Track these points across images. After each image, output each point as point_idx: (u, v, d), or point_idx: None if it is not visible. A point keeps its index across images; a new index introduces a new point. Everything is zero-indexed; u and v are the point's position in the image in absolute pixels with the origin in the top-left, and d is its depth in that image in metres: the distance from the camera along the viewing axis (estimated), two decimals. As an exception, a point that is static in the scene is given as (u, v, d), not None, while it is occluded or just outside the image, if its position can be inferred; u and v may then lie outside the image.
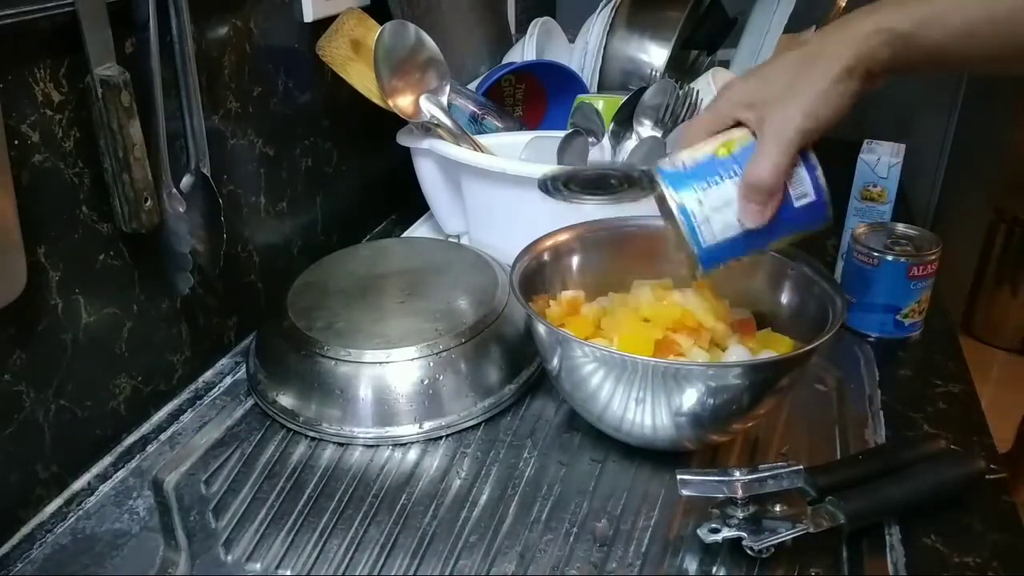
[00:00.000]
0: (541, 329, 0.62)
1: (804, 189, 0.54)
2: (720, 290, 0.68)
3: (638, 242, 0.74)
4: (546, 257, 0.71)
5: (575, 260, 0.73)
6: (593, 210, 0.75)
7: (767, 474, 0.52)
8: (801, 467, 0.53)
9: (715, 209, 0.54)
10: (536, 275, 0.69)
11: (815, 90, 0.51)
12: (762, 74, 0.56)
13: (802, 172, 0.54)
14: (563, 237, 0.73)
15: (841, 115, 0.52)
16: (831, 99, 0.51)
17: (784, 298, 0.69)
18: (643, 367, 0.56)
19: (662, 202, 0.56)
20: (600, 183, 0.61)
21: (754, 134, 0.54)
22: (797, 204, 0.55)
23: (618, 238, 0.74)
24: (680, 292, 0.67)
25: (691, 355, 0.62)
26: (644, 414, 0.58)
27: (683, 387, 0.56)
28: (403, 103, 0.87)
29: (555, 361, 0.63)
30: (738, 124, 0.56)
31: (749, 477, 0.52)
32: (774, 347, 0.64)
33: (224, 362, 0.77)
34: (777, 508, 0.53)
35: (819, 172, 0.55)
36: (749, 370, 0.57)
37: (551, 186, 0.61)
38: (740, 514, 0.53)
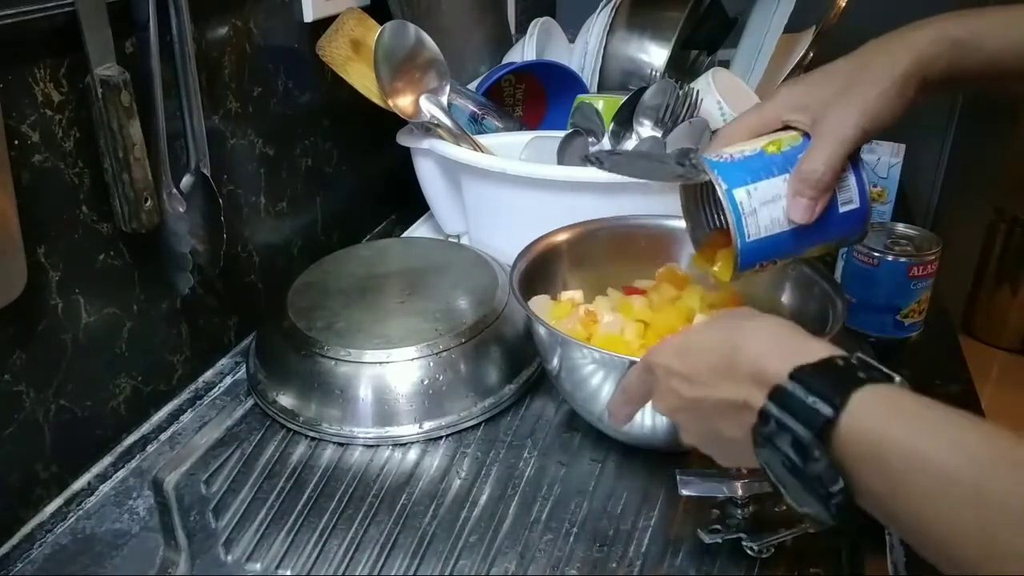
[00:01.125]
0: (541, 331, 0.62)
1: (850, 195, 0.54)
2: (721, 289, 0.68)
3: (637, 241, 0.74)
4: (545, 257, 0.71)
5: (574, 259, 0.73)
6: (591, 207, 0.76)
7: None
8: None
9: (763, 203, 0.53)
10: (536, 275, 0.69)
11: (874, 91, 0.51)
12: (812, 80, 0.55)
13: (850, 178, 0.54)
14: (562, 237, 0.73)
15: (894, 120, 0.52)
16: (889, 101, 0.51)
17: (785, 298, 0.69)
18: None
19: (695, 198, 0.56)
20: (647, 172, 0.62)
21: (805, 135, 0.54)
22: (842, 209, 0.54)
23: (617, 237, 0.74)
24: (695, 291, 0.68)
25: None
26: (643, 413, 0.58)
27: None
28: (403, 103, 0.87)
29: (555, 362, 0.63)
30: (785, 128, 0.55)
31: (749, 477, 0.52)
32: None
33: (224, 362, 0.77)
34: (777, 508, 0.53)
35: (866, 181, 0.54)
36: None
37: (597, 157, 0.62)
38: (740, 514, 0.53)
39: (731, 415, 0.42)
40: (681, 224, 0.64)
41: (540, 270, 0.70)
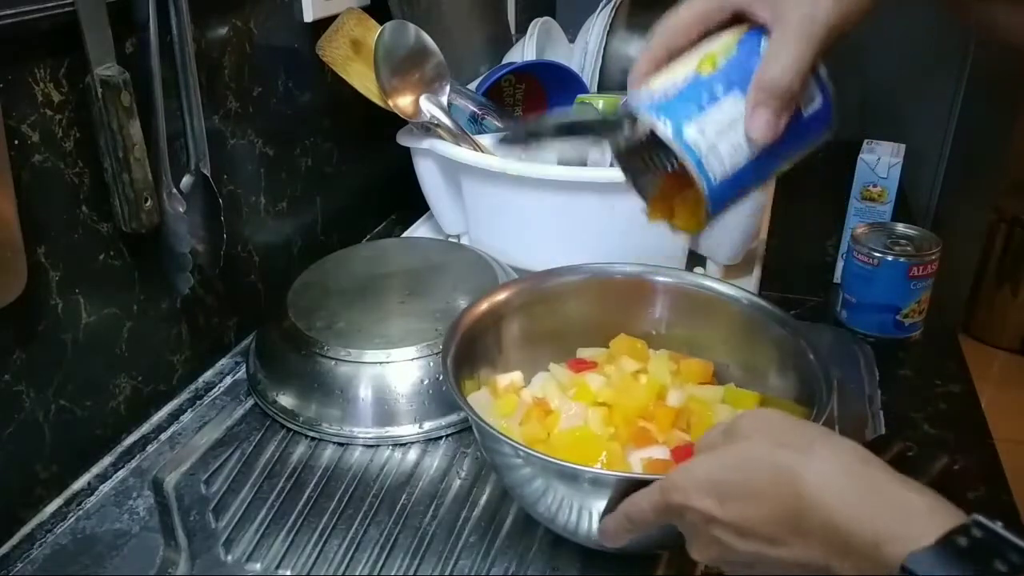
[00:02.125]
0: (505, 450, 0.51)
1: (811, 92, 0.46)
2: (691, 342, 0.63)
3: (569, 301, 0.66)
4: (471, 335, 0.61)
5: (505, 333, 0.64)
6: (591, 207, 0.74)
7: None
8: None
9: (719, 133, 0.45)
10: (465, 358, 0.59)
11: None
12: None
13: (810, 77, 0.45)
14: (484, 307, 0.63)
15: (864, 15, 0.44)
16: None
17: (772, 378, 0.61)
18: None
19: (638, 149, 0.48)
20: (572, 130, 0.52)
21: (751, 30, 0.46)
22: (806, 113, 0.46)
23: (547, 299, 0.66)
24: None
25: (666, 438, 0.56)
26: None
27: None
28: (403, 103, 0.87)
29: (514, 477, 0.53)
30: (731, 22, 0.46)
31: None
32: (740, 404, 0.59)
33: (224, 362, 0.77)
34: None
35: (822, 70, 0.46)
36: None
37: (512, 138, 0.53)
38: None
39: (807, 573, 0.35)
40: (622, 272, 0.59)
41: (469, 352, 0.60)
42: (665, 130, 0.44)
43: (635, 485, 0.45)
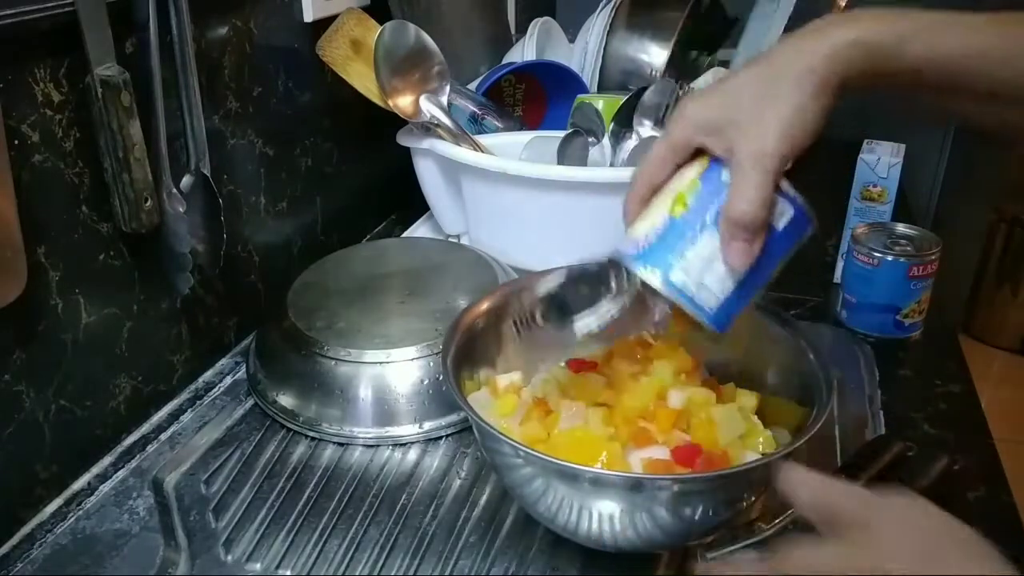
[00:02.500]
0: (505, 449, 0.51)
1: (781, 208, 0.48)
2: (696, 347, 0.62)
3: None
4: (479, 326, 0.61)
5: (504, 332, 0.63)
6: (591, 207, 0.75)
7: (786, 521, 0.52)
8: None
9: (703, 270, 0.48)
10: (465, 358, 0.59)
11: (790, 107, 0.45)
12: (723, 90, 0.49)
13: (777, 198, 0.48)
14: (485, 306, 0.63)
15: (815, 137, 0.46)
16: (808, 116, 0.46)
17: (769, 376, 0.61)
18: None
19: (644, 284, 0.50)
20: (580, 298, 0.53)
21: (714, 160, 0.49)
22: (780, 227, 0.49)
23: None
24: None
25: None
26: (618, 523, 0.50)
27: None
28: (403, 103, 0.87)
29: (516, 476, 0.53)
30: (696, 154, 0.50)
31: (771, 531, 0.51)
32: (740, 404, 0.59)
33: (224, 362, 0.77)
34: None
35: (785, 184, 0.48)
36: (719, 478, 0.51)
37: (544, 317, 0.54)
38: None
39: None
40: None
41: (469, 352, 0.60)
42: (654, 279, 0.48)
43: None
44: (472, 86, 1.05)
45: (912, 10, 0.47)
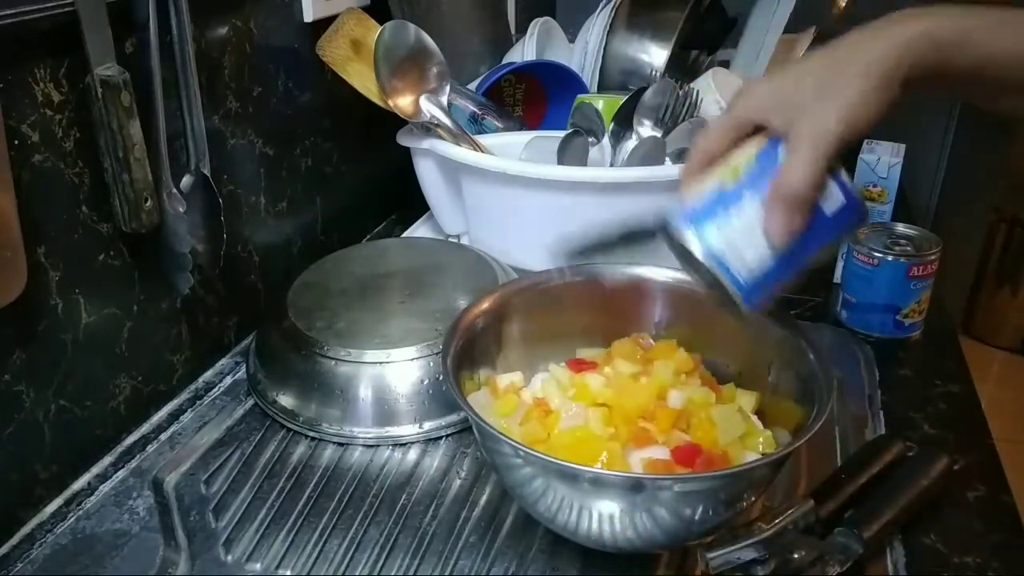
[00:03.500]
0: (505, 450, 0.51)
1: (833, 193, 0.49)
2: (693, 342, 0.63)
3: (566, 300, 0.66)
4: (479, 326, 0.62)
5: (504, 332, 0.64)
6: (591, 207, 0.75)
7: (786, 521, 0.52)
8: (811, 502, 0.52)
9: (742, 237, 0.48)
10: (466, 358, 0.59)
11: (854, 92, 0.46)
12: (789, 75, 0.50)
13: (831, 183, 0.49)
14: (485, 306, 0.63)
15: (875, 125, 0.47)
16: (871, 104, 0.46)
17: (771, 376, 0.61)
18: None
19: (683, 253, 0.51)
20: (632, 239, 0.56)
21: (772, 139, 0.49)
22: (829, 213, 0.49)
23: (548, 298, 0.65)
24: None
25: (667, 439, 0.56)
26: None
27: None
28: (403, 103, 0.87)
29: (516, 476, 0.53)
30: (755, 131, 0.50)
31: (771, 531, 0.51)
32: (740, 404, 0.59)
33: (224, 362, 0.77)
34: (795, 555, 0.51)
35: (843, 173, 0.49)
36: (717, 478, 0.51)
37: (575, 258, 0.59)
38: (762, 572, 0.51)
39: None
40: (622, 272, 0.62)
41: (469, 352, 0.60)
42: (695, 243, 0.49)
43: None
44: (472, 86, 1.05)
45: (977, 7, 0.48)
